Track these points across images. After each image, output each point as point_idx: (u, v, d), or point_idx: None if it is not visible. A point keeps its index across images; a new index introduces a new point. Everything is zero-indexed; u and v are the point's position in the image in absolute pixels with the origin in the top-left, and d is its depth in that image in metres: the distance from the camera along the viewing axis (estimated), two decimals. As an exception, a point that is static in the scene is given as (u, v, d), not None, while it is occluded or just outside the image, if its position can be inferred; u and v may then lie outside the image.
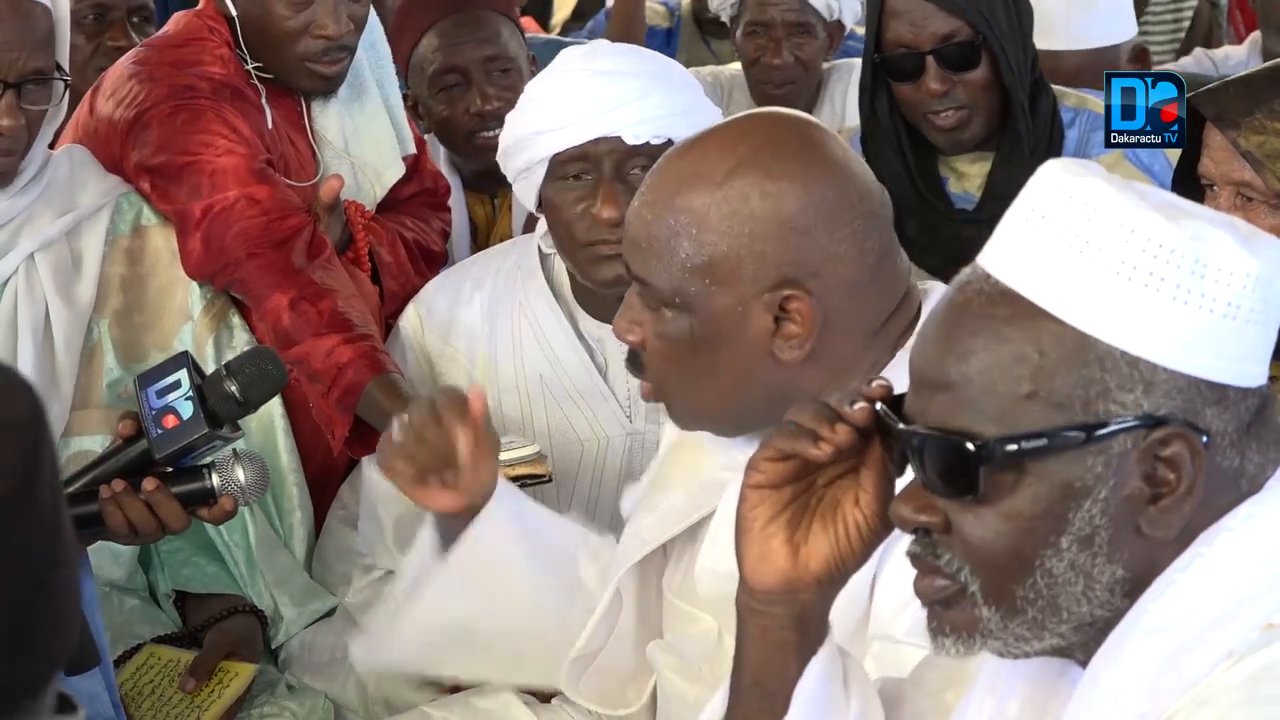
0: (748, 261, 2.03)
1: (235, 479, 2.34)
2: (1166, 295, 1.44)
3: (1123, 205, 1.46)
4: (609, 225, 2.68)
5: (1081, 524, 1.46)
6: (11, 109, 2.69)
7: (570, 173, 2.72)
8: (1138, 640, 1.46)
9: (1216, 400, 1.46)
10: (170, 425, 2.30)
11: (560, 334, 2.89)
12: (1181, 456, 1.45)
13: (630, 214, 2.11)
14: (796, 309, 2.02)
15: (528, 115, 2.74)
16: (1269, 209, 2.37)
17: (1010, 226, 1.51)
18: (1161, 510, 1.46)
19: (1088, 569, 1.47)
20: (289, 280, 2.94)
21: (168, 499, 2.31)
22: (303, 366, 2.91)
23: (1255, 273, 1.45)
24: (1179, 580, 1.46)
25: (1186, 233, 1.45)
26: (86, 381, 2.87)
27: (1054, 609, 1.48)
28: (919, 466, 1.52)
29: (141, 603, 2.94)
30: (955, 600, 1.51)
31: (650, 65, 2.76)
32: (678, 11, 5.15)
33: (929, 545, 1.52)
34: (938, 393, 1.50)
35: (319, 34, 3.05)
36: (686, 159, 2.09)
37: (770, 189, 2.03)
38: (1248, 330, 1.46)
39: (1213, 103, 2.41)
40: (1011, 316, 1.47)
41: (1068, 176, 1.49)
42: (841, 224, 2.04)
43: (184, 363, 2.35)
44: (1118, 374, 1.45)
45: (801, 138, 2.09)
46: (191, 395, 2.31)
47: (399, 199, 3.31)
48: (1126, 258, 1.45)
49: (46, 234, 2.87)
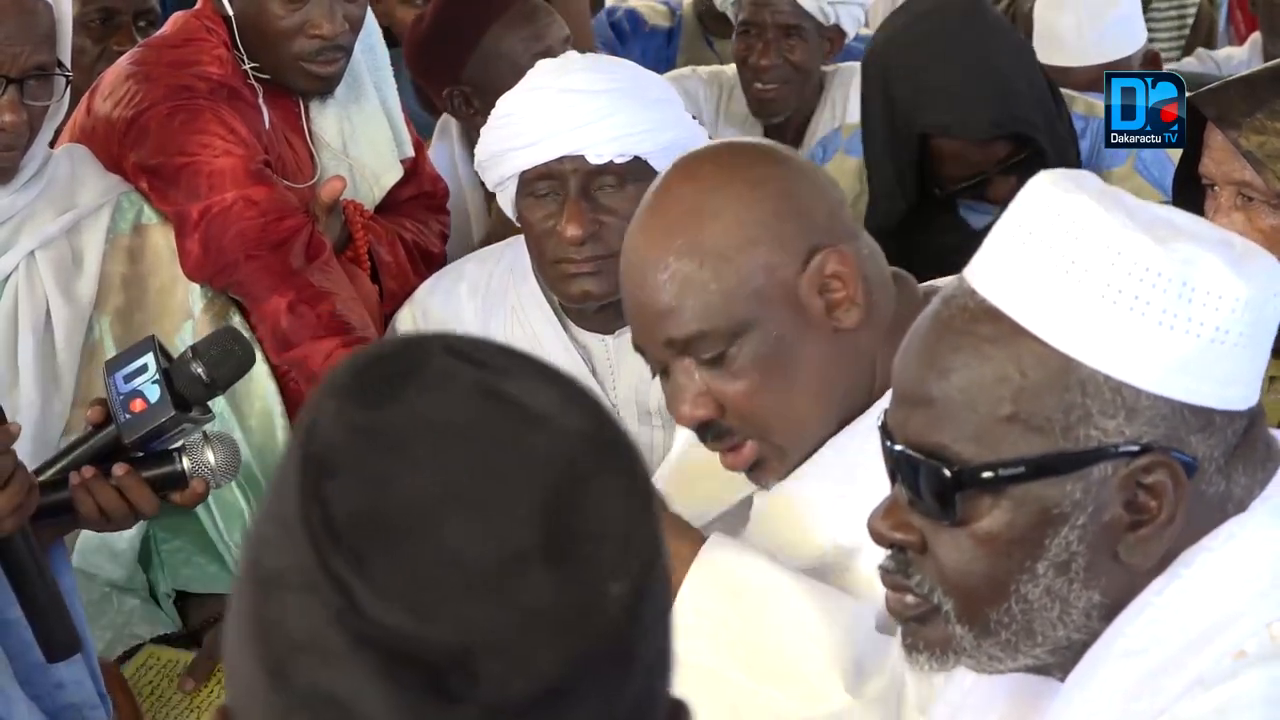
0: (774, 254, 2.01)
1: (206, 461, 2.33)
2: (1152, 320, 1.41)
3: (1110, 226, 1.43)
4: (573, 243, 2.70)
5: (1058, 550, 1.44)
6: (13, 104, 2.69)
7: (538, 191, 2.73)
8: (1112, 663, 1.45)
9: (1202, 426, 1.43)
10: (138, 409, 2.29)
11: (553, 337, 2.89)
12: (1164, 484, 1.42)
13: (640, 296, 2.06)
14: (836, 273, 2.01)
15: (498, 132, 2.75)
16: (1269, 209, 2.37)
17: (997, 242, 1.48)
18: (1140, 539, 1.44)
19: (1064, 594, 1.45)
20: (287, 282, 2.94)
21: (138, 484, 2.31)
22: (301, 369, 2.91)
23: (1245, 296, 1.42)
24: (1155, 603, 1.44)
25: (1175, 256, 1.41)
26: (87, 379, 2.87)
27: (1028, 633, 1.47)
28: (898, 481, 1.50)
29: (142, 603, 2.93)
30: (929, 617, 1.50)
31: (620, 82, 2.74)
32: (679, 11, 5.14)
33: (902, 563, 1.50)
34: (917, 408, 1.48)
35: (314, 33, 3.05)
36: (659, 213, 2.06)
37: (756, 192, 2.02)
38: (1235, 354, 1.43)
39: (1214, 103, 2.41)
40: (994, 335, 1.45)
41: (1057, 193, 1.46)
42: (828, 197, 2.06)
43: (150, 346, 2.34)
44: (1100, 399, 1.42)
45: (753, 145, 2.12)
46: (158, 379, 2.29)
47: (397, 201, 3.31)
48: (1112, 280, 1.42)
49: (47, 232, 2.87)
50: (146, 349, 2.33)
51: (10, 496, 2.17)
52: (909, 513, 1.49)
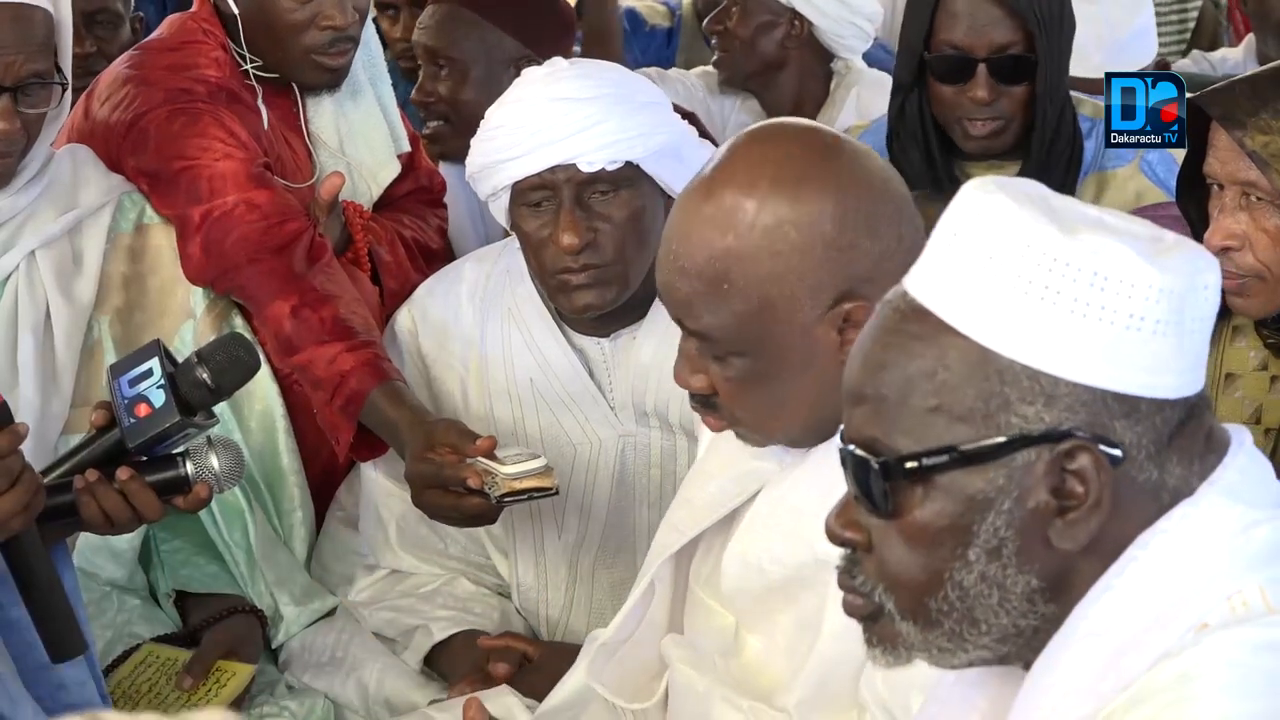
0: (801, 293, 2.00)
1: (210, 466, 2.33)
2: (1064, 308, 1.46)
3: (1021, 220, 1.48)
4: (569, 252, 2.70)
5: (987, 536, 1.48)
6: (8, 113, 2.69)
7: (532, 200, 2.73)
8: (1076, 645, 1.48)
9: (1126, 413, 1.47)
10: (143, 414, 2.29)
11: (550, 338, 2.88)
12: (1087, 470, 1.46)
13: (668, 274, 2.06)
14: (859, 316, 1.99)
15: (488, 144, 2.75)
16: (1274, 209, 2.36)
17: (931, 247, 1.53)
18: (1068, 523, 1.47)
19: (999, 580, 1.49)
20: (290, 286, 2.93)
21: (142, 488, 2.30)
22: (305, 374, 2.90)
23: (1159, 284, 1.45)
24: (1115, 586, 1.48)
25: (1084, 246, 1.46)
26: (87, 379, 2.86)
27: (971, 621, 1.50)
28: (848, 480, 1.55)
29: (142, 603, 2.93)
30: (876, 616, 1.54)
31: (609, 88, 2.73)
32: (678, 11, 5.14)
33: (850, 563, 1.55)
34: (858, 406, 1.53)
35: (325, 24, 3.06)
36: (709, 206, 2.02)
37: (803, 217, 1.99)
38: (1157, 343, 1.46)
39: (1219, 102, 2.40)
40: (920, 332, 1.50)
41: (979, 195, 1.51)
42: (881, 223, 2.01)
43: (155, 351, 2.33)
44: (1018, 387, 1.46)
45: (817, 152, 2.04)
46: (163, 383, 2.29)
47: (395, 197, 3.31)
48: (1023, 271, 1.46)
49: (48, 232, 2.86)
50: (151, 353, 2.33)
51: (17, 497, 2.17)
52: (859, 512, 1.54)
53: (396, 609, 2.96)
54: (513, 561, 2.96)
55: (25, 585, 2.23)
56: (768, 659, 2.15)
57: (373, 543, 3.01)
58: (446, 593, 2.97)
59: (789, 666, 2.11)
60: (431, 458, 2.66)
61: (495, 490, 2.59)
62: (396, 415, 2.78)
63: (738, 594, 2.16)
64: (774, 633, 2.15)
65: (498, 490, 2.58)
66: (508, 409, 2.90)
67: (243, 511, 2.93)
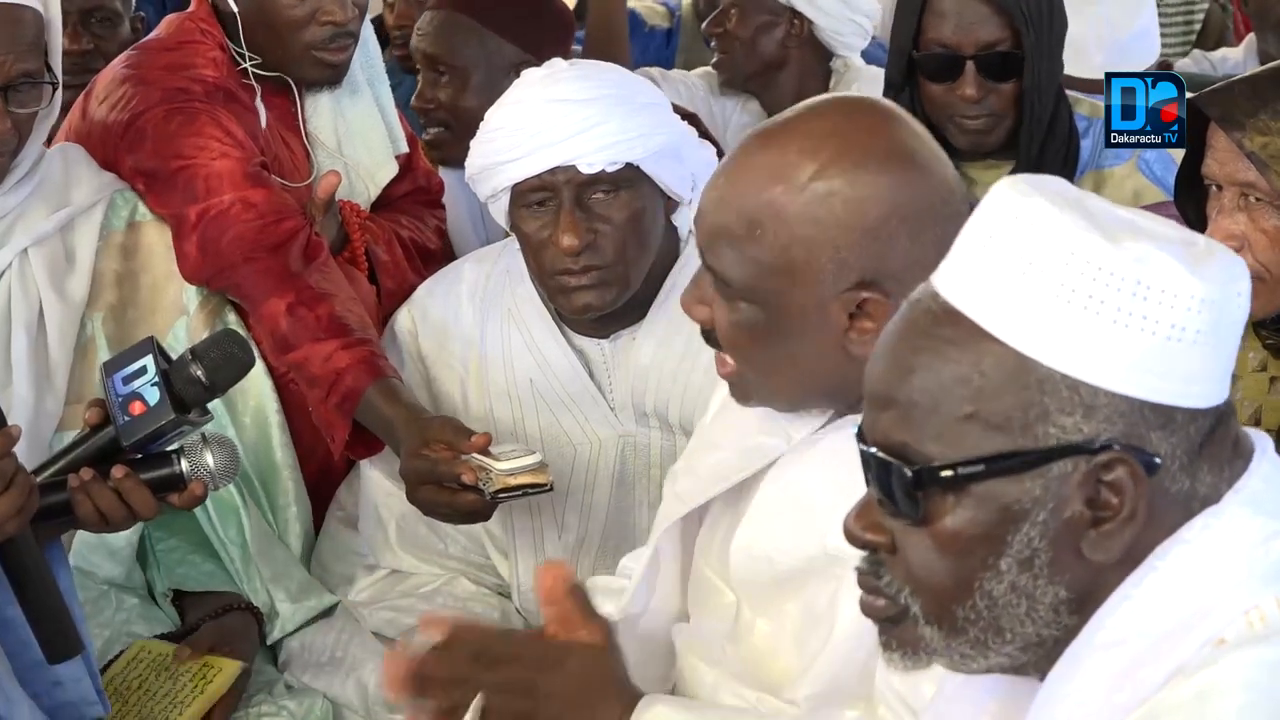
0: (829, 266, 1.98)
1: (204, 463, 2.33)
2: (1107, 318, 1.44)
3: (1064, 226, 1.45)
4: (569, 253, 2.70)
5: (1021, 546, 1.46)
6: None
7: (532, 201, 2.74)
8: (1092, 655, 1.46)
9: (1163, 424, 1.45)
10: (137, 412, 2.29)
11: (549, 339, 2.88)
12: (1123, 481, 1.44)
13: (708, 202, 2.05)
14: (872, 314, 1.98)
15: (488, 145, 2.75)
16: (1273, 210, 2.36)
17: (961, 246, 1.51)
18: (1102, 534, 1.46)
19: (1029, 590, 1.47)
20: (286, 284, 2.93)
21: (137, 486, 2.30)
22: (301, 371, 2.90)
23: (1201, 294, 1.44)
24: (1133, 595, 1.46)
25: (1128, 255, 1.44)
26: (80, 376, 2.87)
27: (996, 630, 1.49)
28: (870, 483, 1.52)
29: (140, 601, 2.93)
30: (899, 619, 1.52)
31: (608, 89, 2.74)
32: (678, 11, 5.15)
33: (874, 564, 1.53)
34: (884, 409, 1.50)
35: (325, 20, 3.06)
36: (768, 153, 2.01)
37: (855, 195, 1.97)
38: (1195, 352, 1.45)
39: (1218, 103, 2.40)
40: (955, 337, 1.48)
41: (1015, 196, 1.49)
42: (926, 229, 1.98)
43: (149, 348, 2.33)
44: (1057, 397, 1.44)
45: (888, 137, 2.02)
46: (157, 381, 2.29)
47: (393, 198, 3.32)
48: (1066, 280, 1.44)
49: (40, 229, 2.87)
50: (145, 351, 2.33)
51: (11, 500, 2.17)
52: (880, 514, 1.52)
53: (396, 609, 2.96)
54: (513, 562, 2.96)
55: (20, 587, 2.23)
56: (775, 645, 2.13)
57: (372, 543, 3.01)
58: (446, 593, 2.97)
59: (798, 657, 2.09)
60: (426, 454, 2.66)
61: (490, 486, 2.59)
62: (392, 412, 2.78)
63: (745, 584, 2.16)
64: (782, 619, 2.13)
65: (492, 486, 2.58)
66: (507, 409, 2.90)
67: (237, 508, 2.92)
